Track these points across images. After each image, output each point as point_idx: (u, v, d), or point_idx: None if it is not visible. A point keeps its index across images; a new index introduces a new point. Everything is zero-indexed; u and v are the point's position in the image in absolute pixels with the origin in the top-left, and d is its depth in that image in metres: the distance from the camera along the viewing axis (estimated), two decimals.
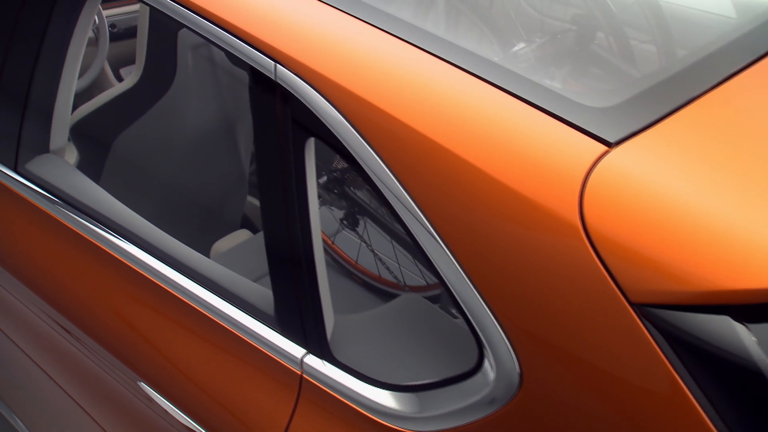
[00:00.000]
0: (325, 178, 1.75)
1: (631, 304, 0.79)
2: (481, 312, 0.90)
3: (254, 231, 2.32)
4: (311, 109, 1.01)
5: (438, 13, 1.37)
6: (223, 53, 1.90)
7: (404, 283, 1.72)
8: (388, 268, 1.72)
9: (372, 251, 1.73)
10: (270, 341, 1.10)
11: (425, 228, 0.92)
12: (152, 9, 1.22)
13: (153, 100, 1.72)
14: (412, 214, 0.93)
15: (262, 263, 1.87)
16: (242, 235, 2.02)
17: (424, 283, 1.70)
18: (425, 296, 1.68)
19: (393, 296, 1.74)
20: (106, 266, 1.35)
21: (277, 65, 1.04)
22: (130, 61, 2.75)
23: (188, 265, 1.25)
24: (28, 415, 1.82)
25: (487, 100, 0.93)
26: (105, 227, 1.36)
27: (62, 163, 1.50)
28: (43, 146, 1.51)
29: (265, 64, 1.05)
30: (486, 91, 0.94)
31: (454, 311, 1.40)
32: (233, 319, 1.14)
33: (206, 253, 2.01)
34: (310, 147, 1.04)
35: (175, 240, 1.31)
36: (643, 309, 0.79)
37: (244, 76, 1.88)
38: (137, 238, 1.32)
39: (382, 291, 1.76)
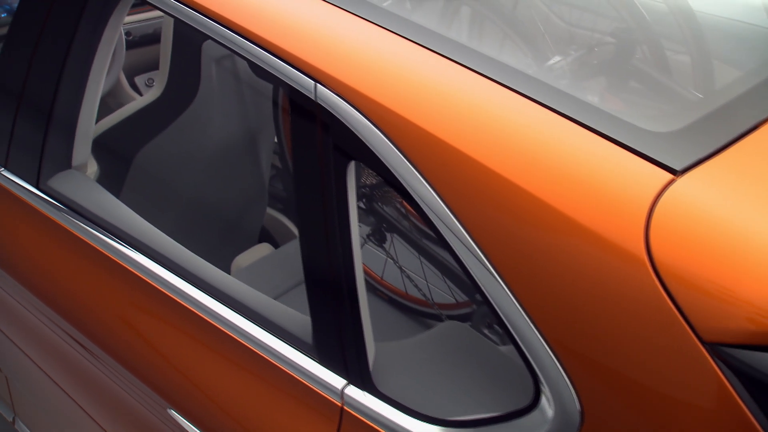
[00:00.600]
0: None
1: (702, 342, 0.75)
2: (537, 345, 0.86)
3: (273, 243, 2.29)
4: (354, 130, 0.97)
5: (478, 29, 1.34)
6: (246, 64, 1.86)
7: (435, 302, 1.68)
8: (419, 288, 1.68)
9: (401, 269, 1.69)
10: (308, 370, 1.06)
11: (476, 257, 0.88)
12: (178, 22, 1.19)
13: (176, 113, 1.69)
14: (463, 243, 0.89)
15: (284, 279, 1.85)
16: (263, 249, 1.98)
17: (458, 301, 1.66)
18: (459, 315, 1.64)
19: (424, 315, 1.70)
20: (133, 287, 1.31)
21: (318, 85, 1.00)
22: (145, 69, 2.72)
23: (219, 288, 1.21)
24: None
25: (543, 123, 0.89)
26: (130, 246, 1.32)
27: (85, 180, 1.46)
28: (65, 162, 1.47)
29: (304, 83, 1.01)
30: (541, 113, 0.90)
31: (503, 340, 1.36)
32: (269, 346, 1.10)
33: (226, 265, 1.98)
34: (352, 170, 1.01)
35: (203, 261, 1.27)
36: (716, 348, 0.75)
37: (267, 87, 1.84)
38: (163, 258, 1.28)
39: (418, 312, 1.72)
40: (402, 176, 0.93)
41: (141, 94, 2.68)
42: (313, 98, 1.01)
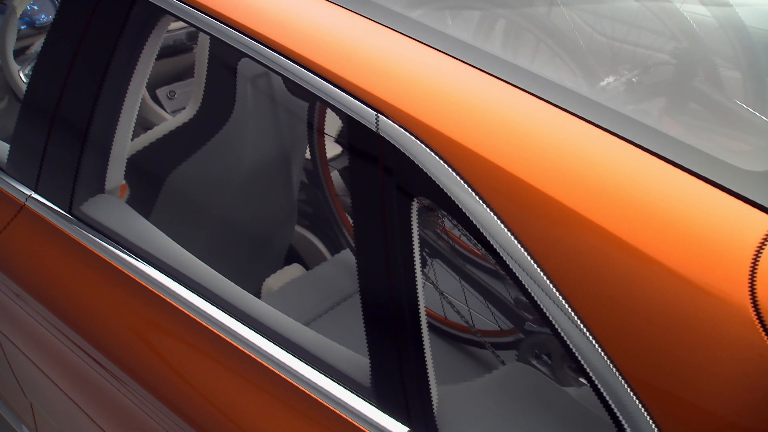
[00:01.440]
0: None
1: None
2: (625, 398, 0.80)
3: (299, 259, 2.23)
4: (419, 164, 0.91)
5: (530, 49, 1.28)
6: (280, 82, 1.81)
7: (477, 329, 1.63)
8: (461, 314, 1.63)
9: (441, 294, 1.64)
10: (367, 416, 1.00)
11: (558, 305, 0.82)
12: (215, 41, 1.13)
13: (209, 134, 1.63)
14: (542, 289, 0.83)
15: (317, 303, 1.79)
16: (294, 270, 1.93)
17: (502, 329, 1.61)
18: (504, 342, 1.58)
19: (465, 342, 1.65)
20: (169, 316, 1.26)
21: (379, 115, 0.95)
22: (166, 81, 2.67)
23: (266, 322, 1.16)
24: None
25: (626, 159, 0.84)
26: (167, 275, 1.27)
27: (119, 205, 1.41)
28: (98, 185, 1.42)
29: (364, 114, 0.96)
30: (622, 148, 0.85)
31: (563, 377, 1.30)
32: (323, 389, 1.04)
33: (256, 286, 1.93)
34: (416, 206, 0.95)
35: (244, 292, 1.22)
36: None
37: (302, 105, 1.79)
38: (202, 287, 1.23)
39: (457, 338, 1.66)
40: (474, 215, 0.87)
41: (162, 107, 2.63)
42: (374, 130, 0.95)
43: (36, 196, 1.46)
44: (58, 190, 1.42)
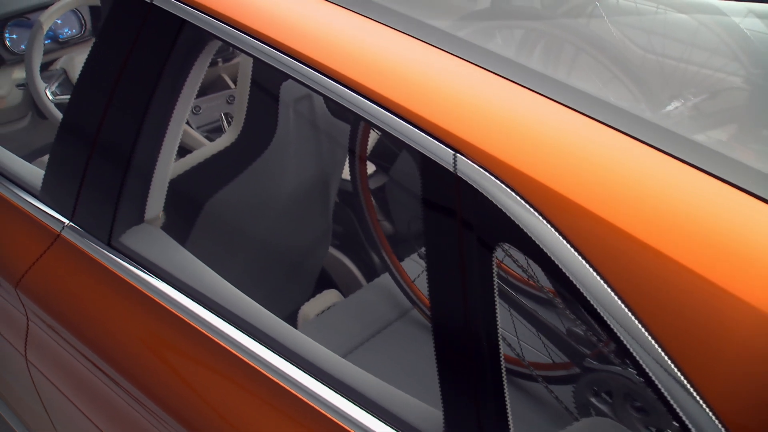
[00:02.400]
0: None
1: None
2: None
3: (328, 278, 2.17)
4: (502, 208, 0.85)
5: (598, 77, 1.21)
6: (322, 104, 1.75)
7: (528, 361, 1.56)
8: (511, 346, 1.56)
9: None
10: None
11: (664, 367, 0.75)
12: (261, 65, 1.07)
13: (250, 159, 1.57)
14: (645, 349, 0.76)
15: (358, 331, 1.73)
16: (331, 296, 1.87)
17: (555, 362, 1.54)
18: (557, 377, 1.52)
19: (515, 374, 1.58)
20: (217, 358, 1.20)
21: (458, 155, 0.88)
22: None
23: (319, 365, 1.09)
24: None
25: (730, 203, 0.77)
26: (212, 310, 1.21)
27: (161, 236, 1.35)
28: (138, 215, 1.36)
29: (441, 153, 0.89)
30: (724, 191, 0.78)
31: (627, 416, 1.24)
32: None
33: (290, 309, 1.87)
34: (499, 252, 0.89)
35: (295, 331, 1.16)
36: None
37: (343, 126, 1.73)
38: (250, 326, 1.17)
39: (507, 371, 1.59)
40: (565, 264, 0.81)
41: (188, 122, 2.57)
42: (451, 170, 0.89)
43: (72, 225, 1.40)
44: (96, 220, 1.36)
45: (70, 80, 2.11)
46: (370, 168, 2.24)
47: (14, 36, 2.32)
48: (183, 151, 2.64)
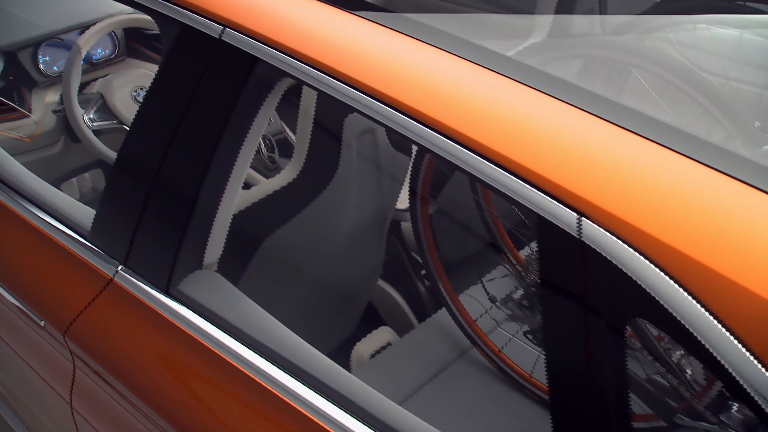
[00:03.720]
0: None
1: None
2: None
3: (372, 309, 2.08)
4: (636, 279, 0.76)
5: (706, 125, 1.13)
6: (384, 135, 1.66)
7: None
8: None
9: None
10: None
11: None
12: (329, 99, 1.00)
13: (310, 197, 1.49)
14: None
15: (416, 374, 1.64)
16: (384, 335, 1.78)
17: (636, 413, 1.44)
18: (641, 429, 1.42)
19: None
20: (280, 414, 1.12)
21: (582, 219, 0.79)
22: None
23: (383, 420, 1.01)
24: None
25: None
26: (273, 362, 1.13)
27: (222, 284, 1.26)
28: (197, 260, 1.28)
29: (563, 217, 0.80)
30: None
31: None
32: None
33: (337, 340, 1.79)
34: (630, 327, 0.80)
35: (354, 379, 1.08)
36: None
37: (403, 159, 1.65)
38: (314, 379, 1.09)
39: None
40: (715, 347, 0.72)
41: None
42: (575, 235, 0.80)
43: (125, 271, 1.31)
44: (153, 265, 1.27)
45: (108, 105, 2.04)
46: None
47: (47, 58, 2.25)
48: None
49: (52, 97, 2.23)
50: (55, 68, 2.27)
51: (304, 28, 1.08)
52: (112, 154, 2.02)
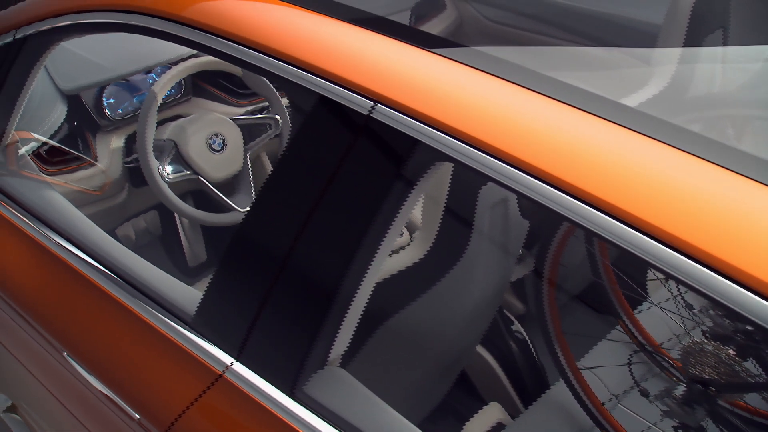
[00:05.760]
0: None
1: None
2: None
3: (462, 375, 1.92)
4: None
5: None
6: (515, 204, 1.50)
7: None
8: None
9: None
10: None
11: None
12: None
13: (437, 276, 1.33)
14: None
15: None
16: (494, 412, 1.62)
17: None
18: None
19: None
20: None
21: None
22: None
23: None
24: None
25: None
26: None
27: (352, 385, 1.11)
28: (323, 357, 1.12)
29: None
30: None
31: None
32: None
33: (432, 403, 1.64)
34: None
35: None
36: None
37: (526, 224, 1.49)
38: None
39: None
40: None
41: None
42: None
43: (239, 365, 1.16)
44: (274, 362, 1.12)
45: (182, 154, 1.89)
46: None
47: (111, 100, 2.10)
48: None
49: (116, 142, 2.08)
50: (119, 111, 2.12)
51: (467, 106, 0.94)
52: (191, 210, 1.87)
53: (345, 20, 1.13)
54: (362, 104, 0.98)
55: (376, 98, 0.97)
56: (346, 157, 0.99)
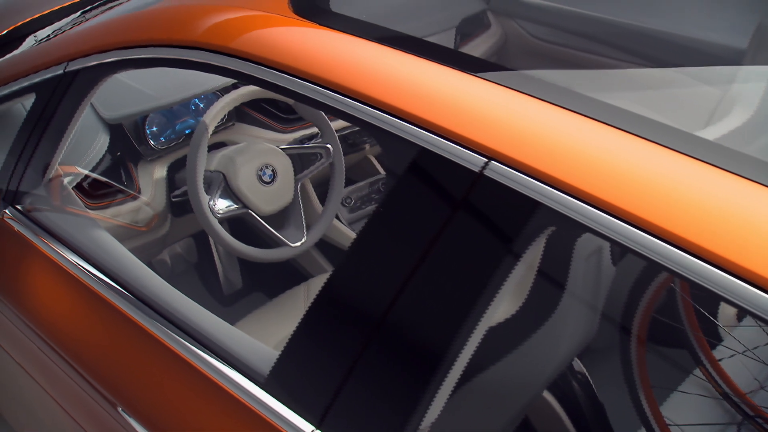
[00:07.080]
0: None
1: None
2: None
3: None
4: None
5: None
6: (608, 253, 1.40)
7: None
8: None
9: None
10: None
11: None
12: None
13: (527, 333, 1.23)
14: None
15: None
16: None
17: None
18: None
19: None
20: None
21: None
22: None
23: None
24: None
25: None
26: None
27: None
28: (415, 427, 1.03)
29: None
30: None
31: None
32: None
33: None
34: None
35: None
36: None
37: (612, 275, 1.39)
38: None
39: None
40: None
41: (337, 217, 2.25)
42: None
43: None
44: None
45: (231, 187, 1.80)
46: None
47: (154, 128, 2.02)
48: (329, 247, 2.32)
49: (159, 172, 2.00)
50: (162, 139, 2.04)
51: (589, 162, 0.84)
52: (245, 248, 1.78)
53: (420, 56, 1.04)
54: (473, 161, 0.88)
55: (490, 155, 0.88)
56: (453, 216, 0.90)
